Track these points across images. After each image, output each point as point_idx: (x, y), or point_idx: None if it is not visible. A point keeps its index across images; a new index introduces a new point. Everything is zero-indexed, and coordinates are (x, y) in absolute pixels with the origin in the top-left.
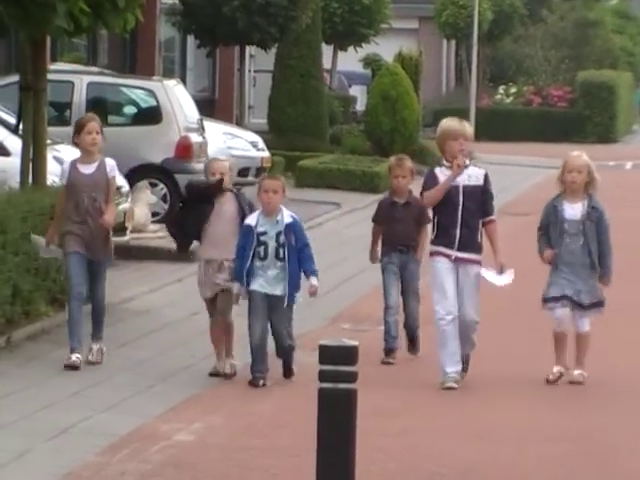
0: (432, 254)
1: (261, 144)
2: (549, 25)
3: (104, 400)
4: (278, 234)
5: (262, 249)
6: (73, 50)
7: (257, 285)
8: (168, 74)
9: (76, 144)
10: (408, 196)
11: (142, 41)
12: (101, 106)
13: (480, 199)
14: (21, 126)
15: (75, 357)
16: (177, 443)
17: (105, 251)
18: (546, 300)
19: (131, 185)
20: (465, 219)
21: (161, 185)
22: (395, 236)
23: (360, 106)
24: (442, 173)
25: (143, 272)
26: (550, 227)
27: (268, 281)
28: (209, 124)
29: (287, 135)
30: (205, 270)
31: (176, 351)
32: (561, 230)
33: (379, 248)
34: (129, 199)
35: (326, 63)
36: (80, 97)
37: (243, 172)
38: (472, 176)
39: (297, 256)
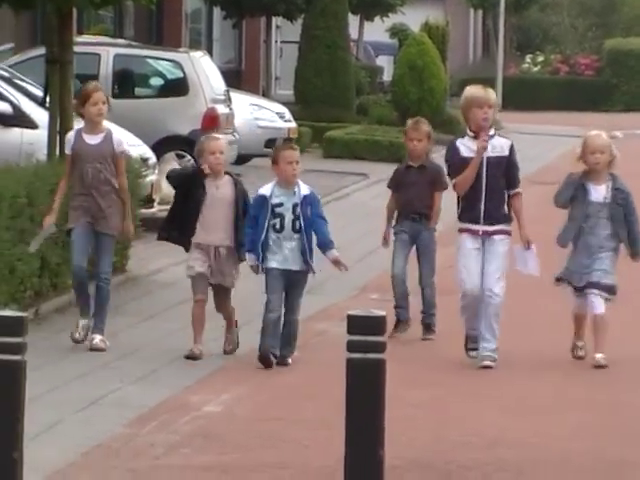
0: (460, 230)
1: (288, 115)
2: None
3: (133, 372)
4: (295, 206)
5: (278, 221)
6: (99, 22)
7: (275, 262)
8: (194, 46)
9: (80, 114)
10: (424, 160)
11: (168, 13)
12: (128, 78)
13: (505, 170)
14: (48, 99)
15: (98, 339)
16: (205, 414)
17: (110, 224)
18: (561, 280)
19: (158, 157)
20: (490, 192)
21: (188, 156)
22: (408, 202)
23: (387, 76)
24: (464, 144)
25: (170, 244)
26: (575, 204)
27: (285, 256)
28: (236, 95)
29: (314, 106)
30: (199, 252)
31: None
32: (585, 212)
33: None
34: (156, 171)
35: (353, 33)
36: (107, 69)
37: (270, 143)
38: (496, 147)
39: (312, 228)
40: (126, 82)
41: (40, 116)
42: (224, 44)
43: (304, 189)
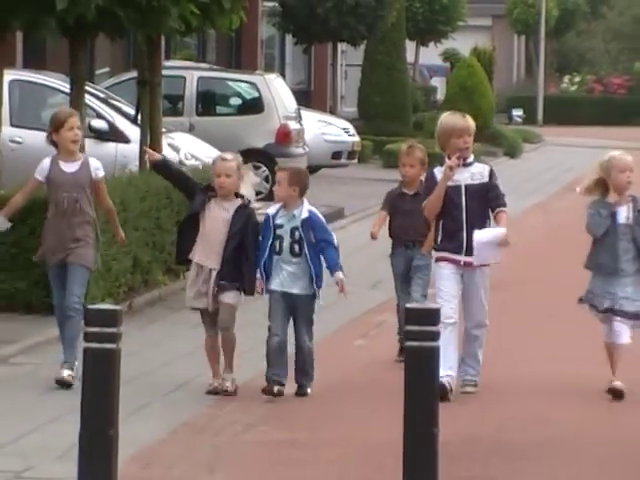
0: (438, 259)
1: (352, 130)
2: (609, 20)
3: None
4: (293, 229)
5: (277, 243)
6: (184, 48)
7: (275, 284)
8: (269, 69)
9: (53, 143)
10: (418, 187)
11: (246, 39)
12: (210, 98)
13: (486, 198)
14: (139, 117)
15: (66, 374)
16: (281, 396)
17: (84, 256)
18: (584, 301)
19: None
20: (471, 221)
21: (263, 167)
22: (402, 230)
23: (440, 95)
24: (442, 173)
25: None
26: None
27: (284, 279)
28: (305, 113)
29: (375, 122)
30: (196, 274)
31: None
32: (606, 234)
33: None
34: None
35: (409, 57)
36: (191, 90)
37: (336, 155)
38: (476, 174)
39: (318, 253)
40: (208, 102)
41: (132, 132)
42: (295, 67)
43: (304, 212)
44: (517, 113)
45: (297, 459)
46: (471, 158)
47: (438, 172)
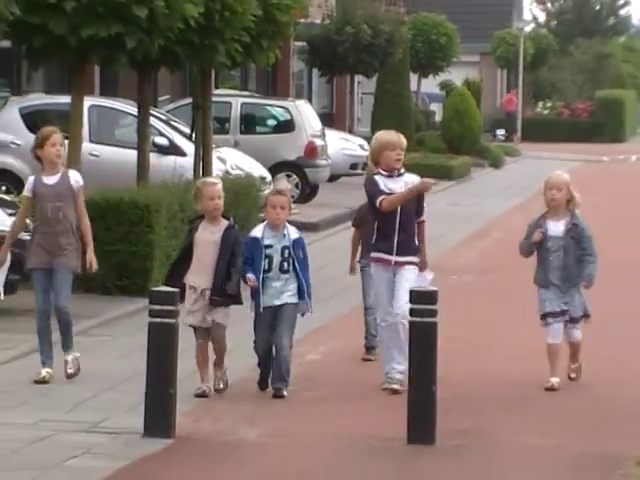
0: (373, 260)
1: (366, 146)
2: (575, 57)
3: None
4: (284, 248)
5: (266, 262)
6: (230, 79)
7: (264, 301)
8: (299, 96)
9: (38, 157)
10: None
11: (280, 72)
12: (251, 120)
13: (416, 205)
14: (193, 135)
15: (45, 372)
16: (307, 361)
17: (68, 261)
18: (544, 316)
19: (273, 176)
20: (403, 225)
21: (294, 176)
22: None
23: (438, 117)
24: (382, 181)
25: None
26: (540, 244)
27: (270, 294)
28: (329, 132)
29: None
30: (190, 295)
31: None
32: (546, 248)
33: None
34: (271, 186)
35: (413, 86)
36: (236, 113)
37: (353, 166)
38: (408, 183)
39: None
40: (250, 122)
41: (188, 147)
42: (320, 95)
43: (293, 233)
44: (500, 132)
45: (325, 413)
46: (402, 170)
47: (379, 178)
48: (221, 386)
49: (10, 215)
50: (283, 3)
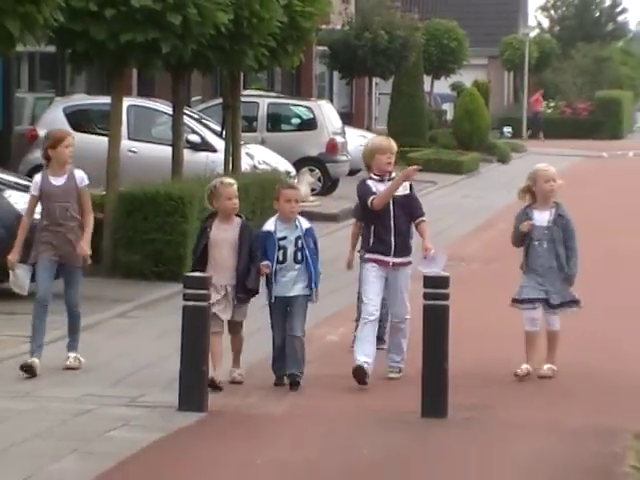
0: (367, 260)
1: None
2: (576, 60)
3: None
4: (297, 238)
5: (281, 253)
6: (257, 81)
7: (277, 291)
8: (321, 96)
9: (47, 157)
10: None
11: (304, 74)
12: (277, 119)
13: (409, 206)
14: (224, 132)
15: (32, 360)
16: (327, 342)
17: (77, 259)
18: (519, 301)
19: (297, 170)
20: (398, 227)
21: (317, 170)
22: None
23: (449, 116)
24: (373, 184)
25: None
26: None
27: (285, 284)
28: (348, 130)
29: (400, 136)
30: (214, 291)
31: (326, 275)
32: (530, 237)
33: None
34: (296, 180)
35: (426, 87)
36: (263, 113)
37: None
38: (399, 187)
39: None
40: (276, 121)
41: (219, 144)
42: (340, 95)
43: (304, 223)
44: (507, 130)
45: (345, 389)
46: (394, 174)
47: (371, 182)
48: (238, 378)
49: None
50: (307, 10)
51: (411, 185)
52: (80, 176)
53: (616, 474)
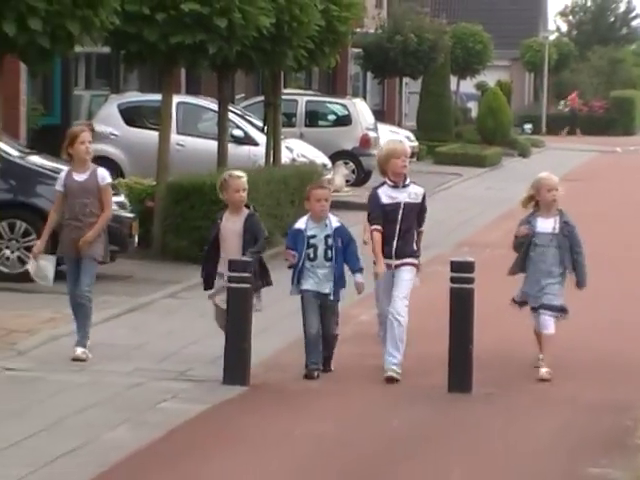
0: (374, 262)
1: (412, 137)
2: (592, 62)
3: None
4: (327, 237)
5: (312, 251)
6: (296, 80)
7: (309, 285)
8: (355, 95)
9: (69, 154)
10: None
11: (339, 74)
12: (314, 115)
13: (417, 214)
14: (265, 127)
15: (77, 351)
16: (360, 321)
17: (94, 251)
18: (518, 303)
19: (332, 163)
20: (403, 232)
21: (351, 163)
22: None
23: (473, 114)
24: (384, 193)
25: (339, 217)
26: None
27: (318, 280)
28: (380, 125)
29: (428, 132)
30: (217, 282)
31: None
32: (534, 243)
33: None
34: (332, 172)
35: (453, 87)
36: (301, 109)
37: None
38: (412, 193)
39: (343, 257)
40: (313, 117)
41: (260, 138)
42: (373, 94)
43: (334, 222)
44: (527, 126)
45: (377, 365)
46: (408, 180)
47: (381, 193)
48: None
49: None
50: (343, 15)
51: (424, 195)
52: (102, 175)
53: (629, 446)
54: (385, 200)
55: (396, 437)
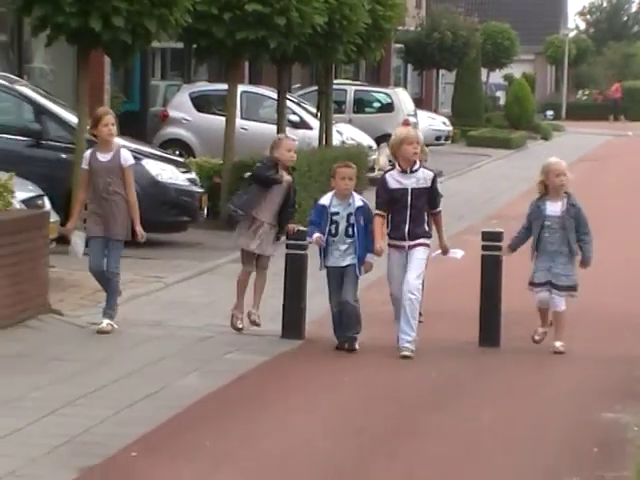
0: (389, 245)
1: (447, 122)
2: (607, 56)
3: None
4: (349, 215)
5: (334, 227)
6: (346, 72)
7: (331, 262)
8: (397, 85)
9: (94, 135)
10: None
11: (383, 67)
12: (362, 103)
13: (427, 198)
14: (318, 114)
15: (105, 323)
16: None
17: (120, 229)
18: (533, 284)
19: (377, 145)
20: (413, 216)
21: None
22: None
23: (501, 102)
24: (393, 177)
25: None
26: (533, 223)
27: (338, 256)
28: (419, 112)
29: (461, 118)
30: (249, 225)
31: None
32: (542, 225)
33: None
34: (376, 152)
35: (483, 78)
36: (350, 98)
37: (438, 138)
38: (421, 179)
39: (364, 235)
40: (360, 105)
41: (314, 123)
42: (413, 84)
43: (358, 201)
44: (549, 113)
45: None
46: (417, 165)
47: (390, 177)
48: (257, 321)
49: (183, 172)
50: (387, 14)
51: (434, 178)
52: (125, 156)
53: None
54: (393, 185)
55: (435, 385)
